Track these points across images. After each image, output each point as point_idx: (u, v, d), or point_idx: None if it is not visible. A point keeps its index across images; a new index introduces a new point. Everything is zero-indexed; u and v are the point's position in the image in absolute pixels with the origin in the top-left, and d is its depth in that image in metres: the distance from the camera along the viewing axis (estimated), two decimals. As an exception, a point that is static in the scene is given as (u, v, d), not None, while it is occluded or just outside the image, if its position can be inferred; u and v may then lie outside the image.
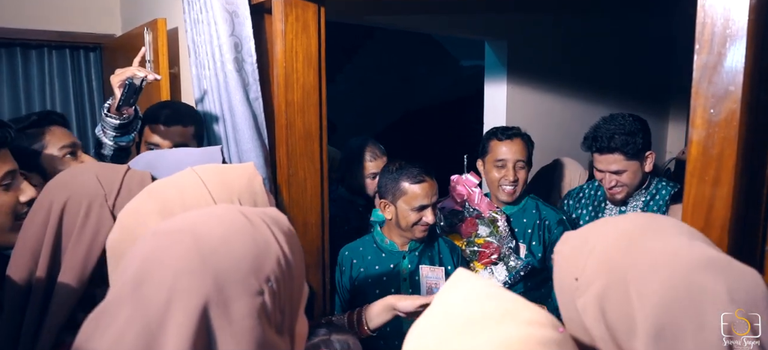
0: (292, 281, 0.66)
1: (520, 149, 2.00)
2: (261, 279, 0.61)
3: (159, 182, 0.88)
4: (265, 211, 0.69)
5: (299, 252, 0.70)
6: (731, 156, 0.84)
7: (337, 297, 1.88)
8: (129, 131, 1.66)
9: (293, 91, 1.81)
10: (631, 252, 0.66)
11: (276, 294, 0.62)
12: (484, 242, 1.93)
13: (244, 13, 1.82)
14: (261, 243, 0.63)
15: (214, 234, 0.61)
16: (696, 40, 0.85)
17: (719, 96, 0.84)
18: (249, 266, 0.61)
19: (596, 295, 0.66)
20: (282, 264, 0.64)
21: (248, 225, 0.64)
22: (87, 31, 3.05)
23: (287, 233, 0.68)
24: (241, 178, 0.90)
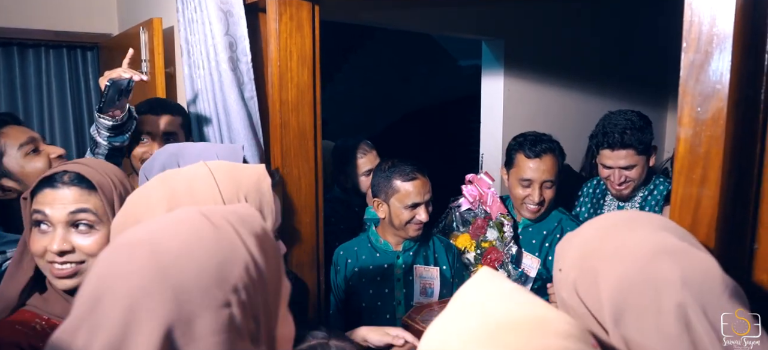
0: (264, 285, 0.62)
1: (549, 168, 1.83)
2: (227, 290, 0.57)
3: (171, 171, 0.90)
4: (234, 210, 0.66)
5: (273, 252, 0.66)
6: (718, 155, 0.84)
7: (332, 296, 1.88)
8: (123, 132, 1.66)
9: (287, 90, 1.81)
10: (601, 245, 0.71)
11: (246, 304, 0.58)
12: (489, 246, 1.91)
13: (238, 12, 1.82)
14: (226, 250, 0.59)
15: (172, 245, 0.57)
16: (683, 38, 0.85)
17: (706, 95, 0.84)
18: (212, 277, 0.56)
19: (572, 284, 0.71)
20: (251, 270, 0.60)
21: (212, 231, 0.60)
22: (84, 30, 3.05)
23: (258, 234, 0.64)
24: (251, 177, 0.92)
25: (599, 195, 2.08)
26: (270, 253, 0.65)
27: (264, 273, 0.62)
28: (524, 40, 3.38)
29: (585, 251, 0.73)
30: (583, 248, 0.74)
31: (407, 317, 1.50)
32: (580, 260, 0.72)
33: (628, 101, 3.60)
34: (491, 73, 3.41)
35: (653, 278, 0.64)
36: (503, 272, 1.90)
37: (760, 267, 0.93)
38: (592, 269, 0.69)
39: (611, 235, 0.72)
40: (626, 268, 0.66)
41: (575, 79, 3.66)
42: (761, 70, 0.89)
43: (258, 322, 0.60)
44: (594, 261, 0.70)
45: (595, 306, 0.68)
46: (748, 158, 0.92)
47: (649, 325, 0.63)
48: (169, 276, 0.55)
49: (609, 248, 0.70)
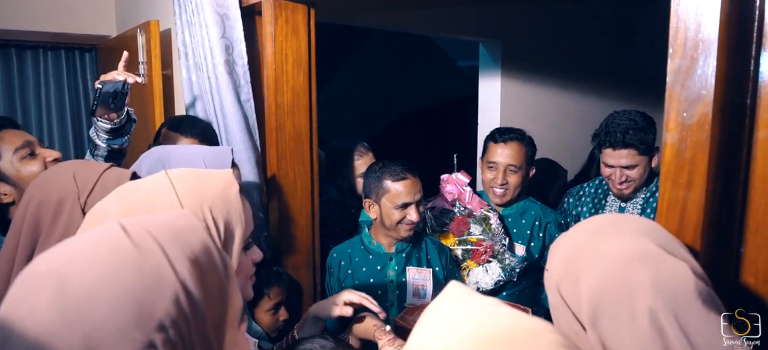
0: (201, 315, 0.54)
1: (513, 154, 2.00)
2: (149, 329, 0.49)
3: (131, 183, 0.86)
4: (168, 224, 0.58)
5: (214, 270, 0.58)
6: (703, 159, 0.85)
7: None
8: (121, 135, 1.67)
9: (283, 93, 1.82)
10: (584, 248, 0.73)
11: (175, 341, 0.51)
12: (477, 241, 1.93)
13: (235, 15, 1.83)
14: (149, 280, 0.51)
15: (84, 278, 0.50)
16: (669, 45, 0.87)
17: (692, 100, 0.85)
18: (131, 315, 0.49)
19: (556, 285, 0.74)
20: (182, 300, 0.52)
21: (133, 255, 0.52)
22: (82, 32, 3.06)
23: (195, 253, 0.56)
24: (217, 186, 0.86)
25: (601, 195, 2.09)
26: (210, 275, 0.57)
27: (199, 302, 0.54)
28: (521, 42, 3.39)
29: (569, 254, 0.75)
30: (567, 250, 0.76)
31: (399, 318, 1.51)
32: (564, 263, 0.75)
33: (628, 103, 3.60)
34: (488, 74, 3.42)
35: (627, 282, 0.65)
36: (497, 262, 1.91)
37: (746, 270, 0.94)
38: (574, 271, 0.72)
39: (594, 239, 0.74)
40: (603, 272, 0.68)
41: (572, 80, 3.68)
42: (747, 75, 0.90)
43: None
44: (576, 264, 0.72)
45: (576, 308, 0.71)
46: (734, 163, 0.93)
47: (623, 328, 0.64)
48: (76, 317, 0.48)
49: (589, 251, 0.72)
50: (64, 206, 0.95)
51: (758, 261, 0.92)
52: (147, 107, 2.27)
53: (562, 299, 0.73)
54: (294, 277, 1.89)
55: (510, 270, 1.90)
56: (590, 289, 0.68)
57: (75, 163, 1.09)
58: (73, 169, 1.00)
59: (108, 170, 1.03)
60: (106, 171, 1.02)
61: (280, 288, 1.76)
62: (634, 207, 1.97)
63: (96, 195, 0.96)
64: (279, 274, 1.79)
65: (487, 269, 1.92)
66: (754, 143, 0.91)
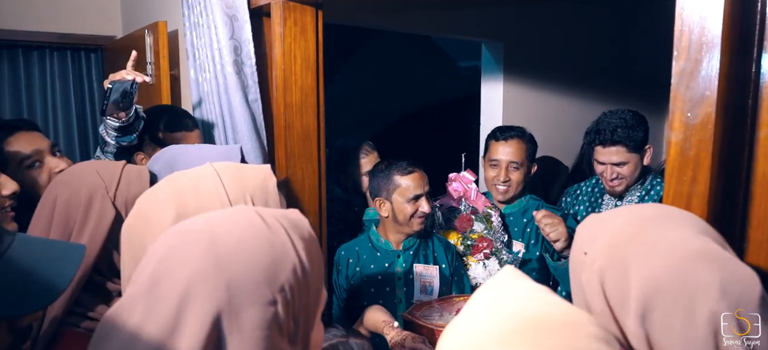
0: (308, 289, 0.64)
1: (514, 151, 2.03)
2: (275, 289, 0.59)
3: (179, 172, 0.92)
4: (285, 214, 0.68)
5: (318, 258, 0.68)
6: (707, 158, 0.88)
7: (334, 296, 1.92)
8: (130, 132, 1.69)
9: (291, 93, 1.85)
10: (637, 236, 0.69)
11: (290, 304, 0.61)
12: (478, 237, 1.97)
13: (243, 16, 1.86)
14: (278, 250, 0.62)
15: (230, 238, 0.60)
16: (674, 46, 0.89)
17: (696, 100, 0.88)
18: (263, 274, 0.59)
19: (598, 271, 0.70)
20: (298, 272, 0.62)
21: (266, 230, 0.63)
22: (88, 33, 3.09)
23: (306, 238, 0.67)
24: (257, 178, 0.93)
25: (597, 194, 2.14)
26: (315, 258, 0.67)
27: (309, 277, 0.64)
28: (523, 43, 3.42)
29: (617, 241, 0.70)
30: (614, 237, 0.71)
31: (408, 313, 1.54)
32: (610, 249, 0.70)
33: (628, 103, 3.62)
34: (490, 75, 3.45)
35: (691, 281, 0.62)
36: (495, 259, 1.95)
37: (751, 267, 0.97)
38: (623, 260, 0.67)
39: (647, 229, 0.69)
40: (662, 266, 0.64)
41: (574, 81, 3.71)
42: (749, 76, 0.93)
43: (297, 324, 0.63)
44: (626, 253, 0.68)
45: (618, 299, 0.67)
46: (736, 161, 0.96)
47: (676, 327, 0.61)
48: (224, 266, 0.58)
49: (644, 241, 0.68)
50: (94, 200, 0.98)
51: (760, 257, 0.95)
52: (155, 107, 2.29)
53: (601, 288, 0.69)
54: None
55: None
56: (645, 281, 0.64)
57: (92, 162, 1.13)
58: (95, 167, 1.05)
59: (126, 166, 1.07)
60: (125, 167, 1.06)
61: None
62: (630, 203, 2.00)
63: (123, 188, 1.02)
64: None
65: (486, 265, 1.96)
66: (756, 142, 0.94)
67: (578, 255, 0.76)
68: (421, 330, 1.44)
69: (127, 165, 1.08)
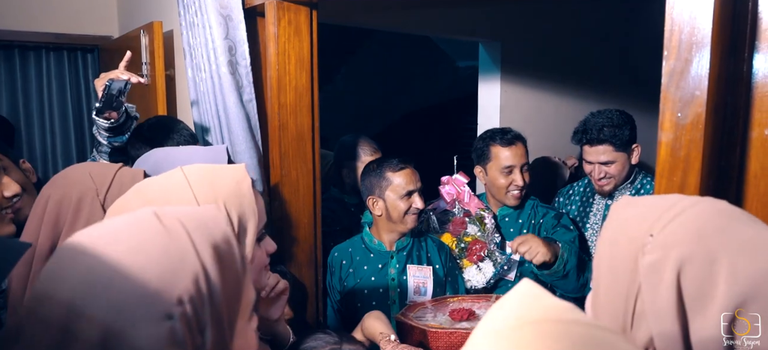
0: (218, 297, 0.58)
1: (523, 153, 2.01)
2: (170, 302, 0.54)
3: (149, 180, 0.89)
4: (195, 214, 0.63)
5: (234, 260, 0.62)
6: (697, 158, 0.87)
7: (328, 298, 1.92)
8: (122, 133, 1.69)
9: (286, 93, 1.84)
10: (727, 231, 0.64)
11: (191, 317, 0.55)
12: (472, 240, 1.97)
13: (238, 16, 1.86)
14: (174, 258, 0.56)
15: (115, 251, 0.55)
16: (664, 46, 0.89)
17: (686, 100, 0.88)
18: (154, 287, 0.54)
19: (677, 258, 0.63)
20: (201, 282, 0.56)
21: (162, 236, 0.57)
22: (84, 33, 3.09)
23: (217, 241, 0.60)
24: (230, 180, 0.89)
25: (589, 193, 2.15)
26: (229, 260, 0.61)
27: (216, 285, 0.58)
28: (521, 43, 3.42)
29: (703, 231, 0.64)
30: (698, 226, 0.64)
31: (401, 314, 1.54)
32: (695, 240, 0.63)
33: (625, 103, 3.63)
34: (488, 75, 3.45)
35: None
36: (489, 261, 1.95)
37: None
38: (711, 253, 0.62)
39: (735, 226, 0.64)
40: (764, 265, 0.60)
41: (572, 81, 3.70)
42: (740, 76, 0.93)
43: (205, 336, 0.57)
44: (715, 246, 0.62)
45: (697, 294, 0.62)
46: (728, 161, 0.96)
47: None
48: (107, 283, 0.53)
49: (738, 240, 0.62)
50: (84, 203, 0.98)
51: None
52: (150, 108, 2.29)
53: (677, 276, 0.63)
54: (297, 275, 1.91)
55: (500, 268, 1.94)
56: (741, 281, 0.60)
57: (88, 165, 1.13)
58: (88, 169, 1.04)
59: (121, 169, 1.07)
60: (120, 170, 1.06)
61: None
62: None
63: (114, 192, 1.00)
64: (283, 273, 1.82)
65: (480, 267, 1.95)
66: (747, 142, 0.94)
67: (636, 234, 0.66)
68: (414, 331, 1.44)
69: (122, 168, 1.07)
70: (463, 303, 1.63)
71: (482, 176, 2.08)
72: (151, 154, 1.28)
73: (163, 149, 1.38)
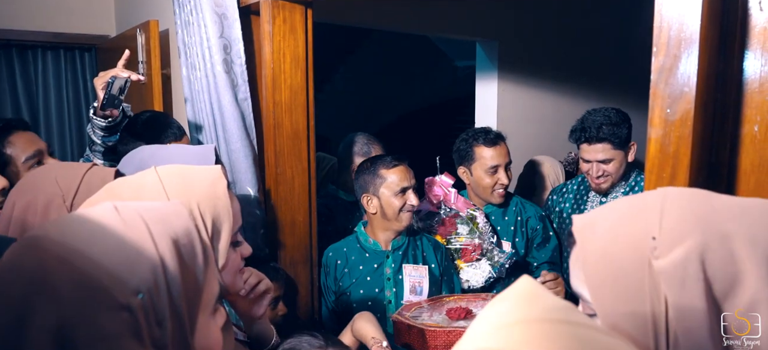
0: (176, 290, 0.58)
1: (506, 152, 2.07)
2: (127, 292, 0.54)
3: (120, 180, 0.86)
4: (154, 208, 0.63)
5: (194, 254, 0.62)
6: (686, 154, 0.87)
7: (323, 298, 1.91)
8: (116, 132, 1.69)
9: (281, 91, 1.84)
10: (719, 209, 0.61)
11: (148, 308, 0.55)
12: (465, 241, 1.96)
13: (232, 15, 1.86)
14: (130, 250, 0.56)
15: (74, 241, 0.55)
16: (653, 43, 0.89)
17: (675, 97, 0.88)
18: (111, 278, 0.54)
19: (694, 249, 0.59)
20: (159, 273, 0.57)
21: (119, 227, 0.58)
22: (82, 32, 3.09)
23: (177, 233, 0.61)
24: (204, 181, 0.86)
25: (583, 192, 2.16)
26: (189, 256, 0.61)
27: (175, 277, 0.58)
28: (518, 42, 3.42)
29: (700, 217, 0.60)
30: (692, 214, 0.61)
31: (398, 314, 1.54)
32: (699, 228, 0.60)
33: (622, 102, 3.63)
34: (485, 74, 3.45)
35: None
36: (486, 260, 1.94)
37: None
38: (720, 233, 0.59)
39: (718, 201, 0.62)
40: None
41: (569, 80, 3.70)
42: (730, 72, 0.93)
43: (163, 328, 0.57)
44: (719, 226, 0.60)
45: (723, 275, 0.59)
46: (718, 158, 0.96)
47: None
48: (61, 275, 0.53)
49: (731, 210, 0.60)
50: (50, 209, 0.96)
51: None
52: (146, 106, 2.29)
53: (702, 267, 0.59)
54: (292, 274, 1.91)
55: (499, 267, 1.94)
56: (761, 239, 0.58)
57: (56, 166, 1.11)
58: (54, 173, 1.01)
59: (90, 170, 1.04)
60: (88, 171, 1.03)
61: (279, 284, 1.78)
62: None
63: (81, 195, 0.97)
64: (277, 270, 1.82)
65: (477, 267, 1.95)
66: (738, 139, 0.94)
67: (638, 242, 0.62)
68: (411, 331, 1.44)
69: (91, 169, 1.05)
70: (460, 302, 1.63)
71: (466, 176, 2.11)
72: (137, 151, 1.27)
73: (150, 148, 1.37)
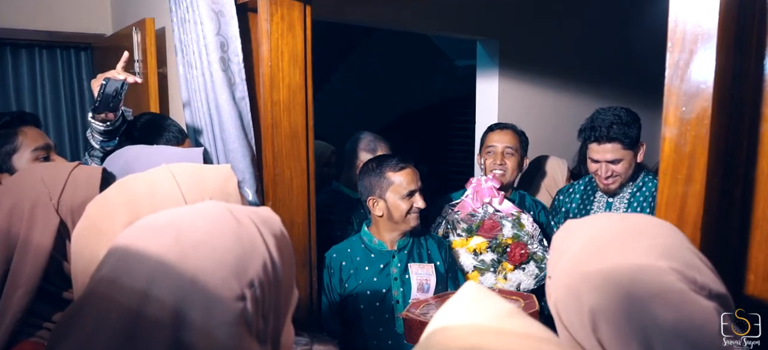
0: (279, 287, 0.62)
1: (509, 138, 2.16)
2: (243, 283, 0.57)
3: (131, 175, 0.87)
4: (255, 211, 0.66)
5: (290, 257, 0.66)
6: (703, 154, 0.84)
7: (325, 297, 1.88)
8: (116, 136, 1.64)
9: (279, 90, 1.80)
10: (590, 270, 0.63)
11: (259, 301, 0.58)
12: (513, 243, 1.91)
13: (230, 12, 1.82)
14: (246, 244, 0.59)
15: (196, 232, 0.58)
16: (668, 38, 0.85)
17: (691, 94, 0.84)
18: (230, 268, 0.57)
19: (555, 301, 0.66)
20: (268, 269, 0.60)
21: (234, 224, 0.61)
22: (77, 31, 3.05)
23: (278, 235, 0.65)
24: (216, 179, 0.89)
25: (590, 191, 2.12)
26: (287, 256, 0.65)
27: (280, 274, 0.62)
28: (519, 40, 3.38)
29: (572, 270, 0.65)
30: (572, 264, 0.66)
31: (407, 311, 1.54)
32: (567, 280, 0.65)
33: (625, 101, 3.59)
34: (486, 73, 3.41)
35: (644, 322, 0.58)
36: (533, 261, 1.89)
37: (749, 267, 0.93)
38: (576, 293, 0.63)
39: (603, 256, 0.64)
40: (612, 299, 0.59)
41: (570, 79, 3.67)
42: (747, 69, 0.89)
43: (267, 322, 0.60)
44: (577, 285, 0.63)
45: (573, 328, 0.63)
46: (734, 158, 0.92)
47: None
48: (188, 260, 0.56)
49: (599, 275, 0.62)
50: (37, 210, 0.94)
51: (758, 257, 0.91)
52: (142, 107, 2.26)
53: (558, 317, 0.65)
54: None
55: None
56: (595, 313, 0.60)
57: (40, 166, 1.10)
58: (40, 173, 1.00)
59: (76, 168, 1.01)
60: (74, 170, 1.01)
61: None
62: (620, 202, 2.00)
63: (68, 194, 0.96)
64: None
65: (525, 269, 1.91)
66: (758, 138, 0.90)
67: (546, 276, 0.72)
68: (422, 327, 1.42)
69: (77, 168, 1.02)
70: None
71: (482, 163, 2.23)
72: (122, 152, 1.24)
73: (135, 148, 1.34)
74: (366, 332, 1.77)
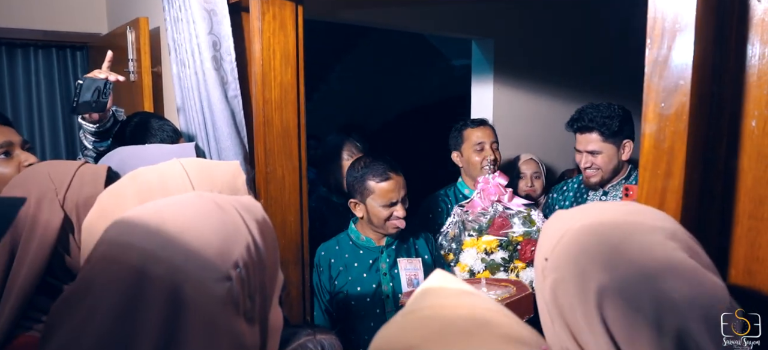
0: (263, 269, 0.65)
1: (492, 133, 2.21)
2: (228, 264, 0.60)
3: (143, 168, 0.89)
4: (238, 199, 0.69)
5: (273, 241, 0.69)
6: (681, 149, 0.84)
7: (315, 299, 1.88)
8: (108, 137, 1.65)
9: (271, 89, 1.81)
10: (596, 248, 0.63)
11: (245, 281, 0.61)
12: (523, 240, 1.90)
13: (222, 11, 1.83)
14: (230, 228, 0.62)
15: (180, 219, 0.61)
16: (647, 35, 0.86)
17: (669, 90, 0.85)
18: (215, 251, 0.60)
19: (553, 282, 0.65)
20: (252, 251, 0.63)
21: (217, 210, 0.64)
22: (73, 30, 3.05)
23: (260, 221, 0.68)
24: (226, 174, 0.92)
25: (583, 190, 2.14)
26: (269, 240, 0.68)
27: (264, 257, 0.65)
28: (514, 40, 3.39)
29: (573, 253, 0.65)
30: (572, 247, 0.65)
31: (400, 303, 1.54)
32: (568, 262, 0.65)
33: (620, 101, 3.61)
34: (481, 72, 3.42)
35: (658, 296, 0.57)
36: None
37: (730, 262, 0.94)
38: (581, 275, 0.62)
39: (607, 242, 0.64)
40: (625, 277, 0.59)
41: (565, 78, 3.67)
42: (726, 64, 0.90)
43: (254, 302, 0.63)
44: (582, 267, 0.63)
45: (572, 313, 0.62)
46: (714, 154, 0.93)
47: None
48: (174, 246, 0.59)
49: (605, 258, 0.62)
50: (42, 204, 0.96)
51: (739, 252, 0.92)
52: (137, 106, 2.26)
53: (554, 301, 0.65)
54: (283, 274, 1.88)
55: None
56: (603, 295, 0.60)
57: (48, 163, 1.11)
58: (47, 169, 1.02)
59: (82, 166, 1.04)
60: (80, 167, 1.03)
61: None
62: (614, 200, 2.00)
63: (74, 191, 0.99)
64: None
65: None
66: (739, 133, 0.91)
67: (540, 259, 0.70)
68: None
69: (83, 165, 1.05)
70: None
71: (460, 160, 2.25)
72: (115, 152, 1.25)
73: (129, 148, 1.35)
74: (357, 328, 1.78)
